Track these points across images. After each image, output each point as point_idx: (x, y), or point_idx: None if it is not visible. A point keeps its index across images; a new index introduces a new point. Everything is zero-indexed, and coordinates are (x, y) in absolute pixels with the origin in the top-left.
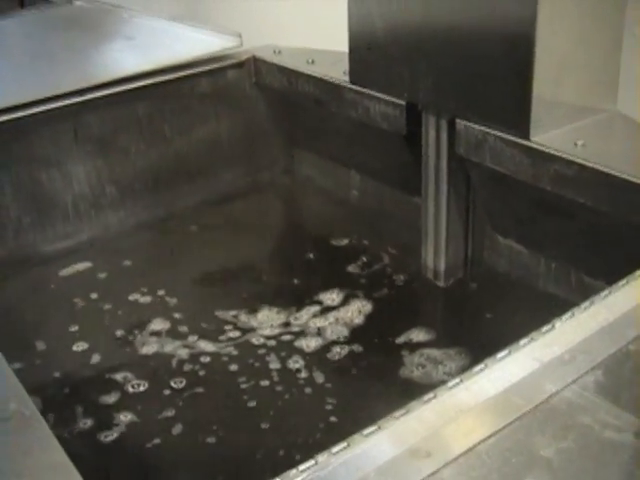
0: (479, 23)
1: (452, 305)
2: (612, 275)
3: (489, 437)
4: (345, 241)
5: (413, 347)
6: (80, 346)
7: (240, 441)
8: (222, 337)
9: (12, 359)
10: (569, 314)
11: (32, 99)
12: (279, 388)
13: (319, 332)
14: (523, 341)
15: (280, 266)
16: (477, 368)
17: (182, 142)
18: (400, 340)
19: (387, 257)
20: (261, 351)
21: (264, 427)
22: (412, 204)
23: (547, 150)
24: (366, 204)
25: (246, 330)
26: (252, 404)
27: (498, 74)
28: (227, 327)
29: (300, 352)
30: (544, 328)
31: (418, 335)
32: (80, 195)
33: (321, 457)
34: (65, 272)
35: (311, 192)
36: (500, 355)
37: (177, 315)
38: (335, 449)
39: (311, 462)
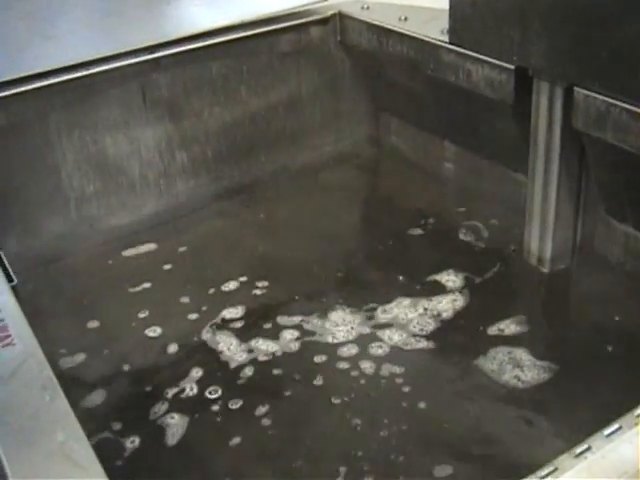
0: None
1: (555, 298)
2: None
3: None
4: (434, 220)
5: (502, 342)
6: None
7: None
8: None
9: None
10: None
11: (97, 56)
12: None
13: (408, 318)
14: None
15: (366, 248)
16: None
17: (259, 105)
18: (492, 331)
19: (483, 239)
20: (345, 329)
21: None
22: (514, 181)
23: None
24: (461, 180)
25: (332, 309)
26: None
27: (630, 37)
28: (312, 306)
29: (383, 339)
30: None
31: (509, 328)
32: (148, 163)
33: None
34: (129, 252)
35: (398, 163)
36: None
37: (257, 293)
38: None
39: None
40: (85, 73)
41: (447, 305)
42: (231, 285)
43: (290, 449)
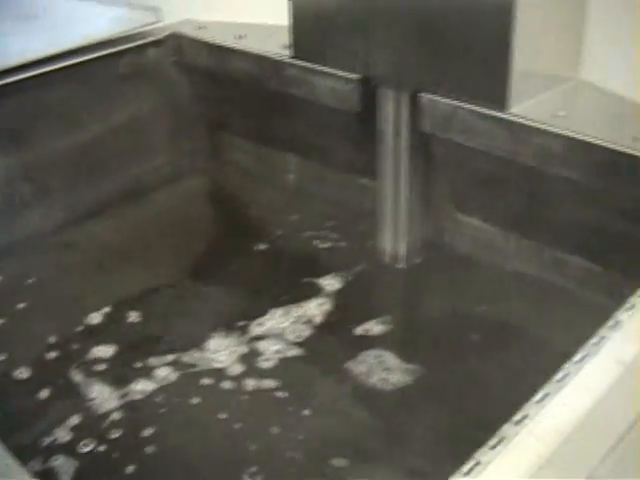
0: None
1: (415, 294)
2: (590, 251)
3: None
4: (282, 231)
5: (367, 344)
6: None
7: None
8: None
9: None
10: (629, 305)
11: None
12: None
13: (272, 328)
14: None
15: (215, 263)
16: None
17: (102, 129)
18: (357, 332)
19: (335, 245)
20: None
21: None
22: (361, 187)
23: (529, 123)
24: (305, 188)
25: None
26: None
27: (471, 43)
28: (168, 337)
29: (253, 354)
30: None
31: (374, 329)
32: None
33: None
34: None
35: (240, 180)
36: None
37: (124, 326)
38: None
39: None
40: None
41: (315, 310)
42: (95, 319)
43: (181, 466)
